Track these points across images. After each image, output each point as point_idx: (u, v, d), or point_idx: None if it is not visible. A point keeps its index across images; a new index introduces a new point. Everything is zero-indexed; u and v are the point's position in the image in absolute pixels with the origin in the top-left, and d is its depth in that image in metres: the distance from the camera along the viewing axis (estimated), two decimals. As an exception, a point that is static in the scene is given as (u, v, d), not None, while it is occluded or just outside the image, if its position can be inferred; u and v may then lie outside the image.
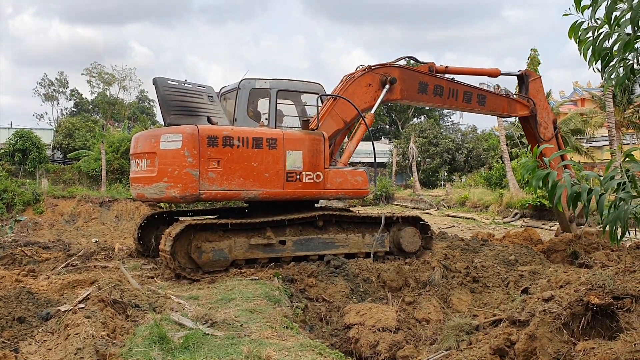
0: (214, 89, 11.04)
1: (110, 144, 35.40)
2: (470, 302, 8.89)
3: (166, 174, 9.52)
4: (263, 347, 5.49)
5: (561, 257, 11.71)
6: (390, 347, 7.00)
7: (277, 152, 10.18)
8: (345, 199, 12.16)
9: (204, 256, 9.64)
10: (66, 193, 27.04)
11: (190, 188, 9.39)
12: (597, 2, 3.53)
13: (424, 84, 12.18)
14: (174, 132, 9.75)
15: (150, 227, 11.97)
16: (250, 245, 10.08)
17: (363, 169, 11.34)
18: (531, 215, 22.84)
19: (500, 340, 6.05)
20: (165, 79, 10.27)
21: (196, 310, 6.74)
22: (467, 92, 12.81)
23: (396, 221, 11.61)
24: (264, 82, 11.49)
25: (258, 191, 10.03)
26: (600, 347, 5.16)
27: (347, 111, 11.23)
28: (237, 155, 9.80)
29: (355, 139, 11.46)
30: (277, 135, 10.28)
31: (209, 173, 9.54)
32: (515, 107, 13.48)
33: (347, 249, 10.91)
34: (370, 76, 11.61)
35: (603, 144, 37.80)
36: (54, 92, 61.30)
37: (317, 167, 10.54)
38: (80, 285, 8.17)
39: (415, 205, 31.86)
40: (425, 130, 44.83)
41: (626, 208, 3.58)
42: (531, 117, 13.57)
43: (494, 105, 13.20)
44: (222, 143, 9.67)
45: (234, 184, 9.78)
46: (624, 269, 7.48)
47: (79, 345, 5.02)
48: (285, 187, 10.26)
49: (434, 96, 12.34)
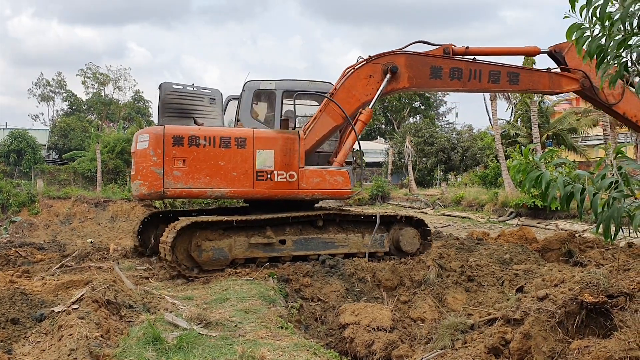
0: (219, 91, 11.25)
1: (106, 145, 35.31)
2: (465, 301, 8.90)
3: (139, 173, 10.02)
4: (257, 347, 5.48)
5: (556, 256, 11.72)
6: (386, 347, 7.00)
7: (246, 151, 10.27)
8: (323, 200, 11.93)
9: (204, 255, 9.73)
10: (61, 194, 26.99)
11: (155, 186, 9.81)
12: (591, 2, 3.54)
13: (436, 68, 11.34)
14: (144, 133, 10.32)
15: (151, 226, 12.12)
16: (250, 244, 10.14)
17: (345, 169, 10.97)
18: (526, 214, 22.87)
19: (495, 339, 6.05)
20: (170, 83, 10.66)
21: (190, 311, 6.73)
22: (493, 72, 11.60)
23: (399, 221, 11.56)
24: (269, 83, 11.53)
25: (225, 190, 10.19)
26: (594, 345, 5.17)
27: (344, 106, 10.89)
28: (203, 155, 10.03)
29: (352, 138, 11.11)
30: (246, 135, 10.35)
31: (174, 172, 9.86)
32: (559, 81, 11.86)
33: (346, 249, 10.90)
34: (371, 67, 11.13)
35: (598, 143, 37.87)
36: (51, 93, 61.05)
37: (290, 166, 10.47)
38: (74, 286, 8.15)
39: (411, 204, 31.85)
40: (420, 129, 44.80)
41: (619, 206, 3.59)
42: (586, 89, 11.77)
43: (531, 83, 11.82)
44: (188, 142, 9.96)
45: (200, 182, 10.02)
46: (618, 267, 7.51)
47: (72, 346, 5.00)
48: (255, 186, 10.32)
49: (450, 80, 11.40)
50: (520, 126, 36.93)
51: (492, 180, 31.60)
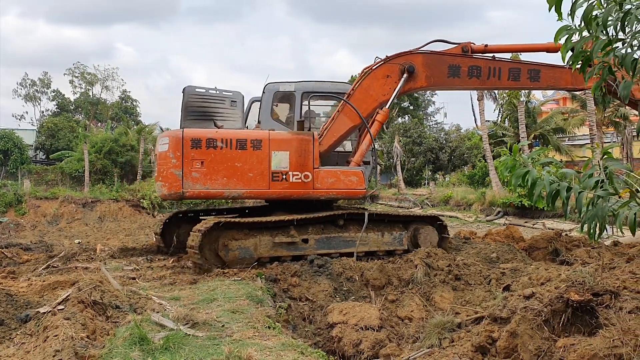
0: (241, 94, 11.52)
1: (93, 145, 35.09)
2: (453, 300, 8.92)
3: (160, 174, 10.41)
4: (244, 347, 5.46)
5: (542, 255, 11.80)
6: (373, 346, 7.00)
7: (262, 152, 10.54)
8: (338, 199, 12.17)
9: (231, 254, 10.06)
10: (49, 194, 26.83)
11: (175, 187, 10.14)
12: (575, 6, 3.56)
13: (455, 67, 11.37)
14: (164, 136, 10.71)
15: (173, 226, 12.47)
16: (274, 243, 10.41)
17: (360, 169, 11.23)
18: (514, 213, 23.01)
19: (482, 337, 6.08)
20: (193, 87, 11.06)
21: (177, 311, 6.69)
22: (513, 69, 11.56)
23: (417, 219, 12.01)
24: (288, 85, 11.75)
25: (241, 190, 10.48)
26: (580, 343, 5.20)
27: (361, 106, 11.08)
28: (220, 156, 10.32)
29: (368, 138, 11.31)
30: (261, 137, 10.61)
31: (193, 173, 10.16)
32: (581, 78, 10.99)
33: (367, 247, 11.14)
34: (388, 67, 11.27)
35: (585, 143, 38.13)
36: (36, 92, 60.56)
37: (305, 167, 10.72)
38: (60, 286, 8.08)
39: (400, 204, 31.93)
40: (409, 129, 44.94)
41: (604, 205, 3.61)
42: None
43: (552, 79, 11.73)
44: (206, 145, 10.25)
45: (218, 183, 10.30)
46: (603, 265, 7.56)
47: (57, 347, 4.95)
48: (270, 187, 10.59)
49: (469, 78, 11.41)
50: (507, 126, 37.14)
51: (480, 179, 31.79)
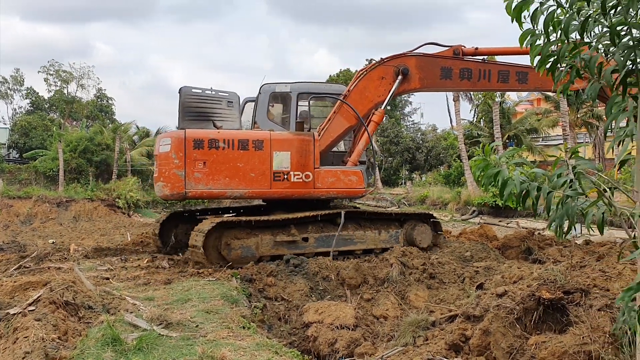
0: (237, 94, 11.58)
1: (68, 143, 34.55)
2: (427, 298, 8.99)
3: (162, 175, 10.44)
4: (218, 348, 5.45)
5: (515, 253, 11.95)
6: (348, 345, 7.03)
7: (264, 153, 10.69)
8: (338, 199, 12.32)
9: (233, 253, 10.17)
10: (22, 193, 26.42)
11: (177, 187, 10.27)
12: (537, 14, 3.60)
13: (446, 69, 11.68)
14: (166, 136, 10.84)
15: (170, 225, 12.51)
16: (275, 242, 10.54)
17: (359, 168, 11.41)
18: (488, 212, 23.28)
19: (455, 335, 6.14)
20: (190, 87, 11.06)
21: (151, 312, 6.64)
22: (502, 72, 11.89)
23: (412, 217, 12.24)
24: (284, 85, 11.86)
25: (243, 190, 10.64)
26: (550, 340, 5.28)
27: (358, 107, 11.28)
28: (222, 157, 10.46)
29: (364, 138, 11.50)
30: (263, 137, 10.74)
31: (195, 173, 10.30)
32: None
33: (364, 245, 11.33)
34: (383, 69, 11.54)
35: (558, 143, 38.61)
36: (8, 90, 59.49)
37: (306, 167, 10.88)
38: (32, 287, 7.93)
39: (377, 203, 32.05)
40: (386, 129, 45.09)
41: (573, 205, 3.66)
42: None
43: (540, 81, 11.95)
44: (208, 145, 10.38)
45: (220, 183, 10.45)
46: (574, 264, 7.67)
47: (27, 348, 4.88)
48: (272, 187, 10.76)
49: (460, 80, 11.75)
50: (482, 126, 37.47)
51: (456, 179, 32.06)
